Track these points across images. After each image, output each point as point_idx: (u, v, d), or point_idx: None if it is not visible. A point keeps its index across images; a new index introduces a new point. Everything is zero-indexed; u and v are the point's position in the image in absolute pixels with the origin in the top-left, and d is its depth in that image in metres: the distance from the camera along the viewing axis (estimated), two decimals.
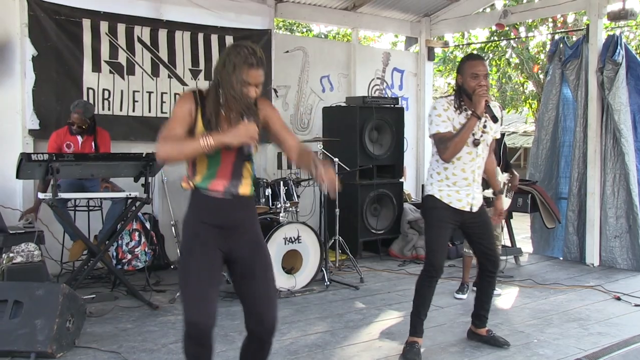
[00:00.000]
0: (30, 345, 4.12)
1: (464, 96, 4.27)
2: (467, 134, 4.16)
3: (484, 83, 4.16)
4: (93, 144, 6.28)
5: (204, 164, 3.04)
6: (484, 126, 4.29)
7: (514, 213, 7.43)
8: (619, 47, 7.17)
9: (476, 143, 4.27)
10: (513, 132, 25.45)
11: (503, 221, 7.35)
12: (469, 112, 4.21)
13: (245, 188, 3.08)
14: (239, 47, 3.03)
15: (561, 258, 7.79)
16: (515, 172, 6.36)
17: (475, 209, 4.38)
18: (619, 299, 5.97)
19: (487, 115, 4.23)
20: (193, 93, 3.04)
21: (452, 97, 4.33)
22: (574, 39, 7.92)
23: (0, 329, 4.16)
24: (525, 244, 8.39)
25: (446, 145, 4.18)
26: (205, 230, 3.03)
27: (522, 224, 9.03)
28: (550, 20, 14.81)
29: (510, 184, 6.30)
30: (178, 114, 3.01)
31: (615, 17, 7.23)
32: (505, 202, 5.97)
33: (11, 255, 5.15)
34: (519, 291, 6.32)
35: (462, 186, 4.32)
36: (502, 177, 6.11)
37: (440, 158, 4.27)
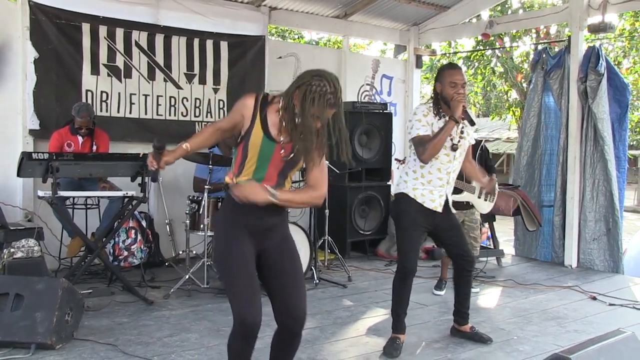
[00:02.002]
0: (30, 337, 4.14)
1: (442, 103, 4.34)
2: (445, 136, 4.24)
3: (462, 91, 4.25)
4: (92, 144, 6.33)
5: (253, 165, 3.07)
6: (462, 132, 4.37)
7: (497, 216, 7.49)
8: (601, 59, 7.28)
9: (454, 148, 4.35)
10: (497, 139, 25.60)
11: (485, 224, 7.48)
12: (447, 118, 4.30)
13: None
14: (322, 81, 2.92)
15: (547, 260, 7.86)
16: (494, 177, 6.40)
17: (447, 210, 4.46)
18: (594, 298, 6.05)
19: (464, 120, 4.33)
20: (257, 96, 3.06)
21: (431, 104, 4.41)
22: (556, 49, 8.01)
23: (2, 321, 4.18)
24: (508, 247, 8.47)
25: (425, 147, 4.25)
26: (242, 228, 3.05)
27: (504, 227, 9.12)
28: (533, 31, 14.93)
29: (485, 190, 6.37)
30: (233, 109, 3.12)
31: (595, 29, 7.35)
32: (487, 205, 6.04)
33: (12, 250, 5.16)
34: (501, 291, 6.39)
35: (436, 186, 4.38)
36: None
37: (419, 159, 4.32)
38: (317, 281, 6.35)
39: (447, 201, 4.44)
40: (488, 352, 4.46)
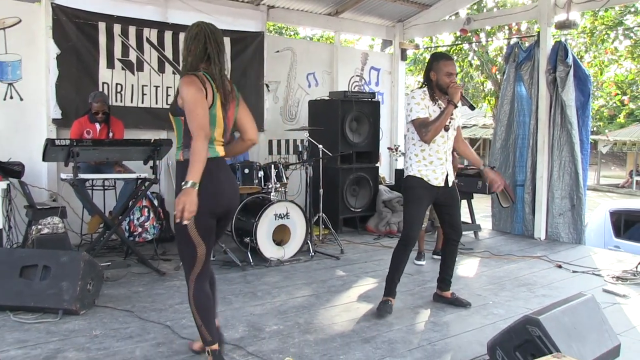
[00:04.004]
0: (58, 303, 4.19)
1: (437, 90, 4.37)
2: (446, 119, 4.28)
3: (454, 79, 4.31)
4: (109, 131, 6.32)
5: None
6: (452, 115, 4.41)
7: (474, 194, 7.53)
8: (569, 52, 7.30)
9: (446, 128, 4.37)
10: (474, 125, 25.68)
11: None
12: (440, 103, 4.35)
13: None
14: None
15: (519, 234, 7.90)
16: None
17: (450, 184, 4.50)
18: (560, 267, 6.12)
19: (470, 106, 4.45)
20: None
21: (426, 89, 4.42)
22: (527, 44, 8.01)
23: (33, 289, 4.23)
24: (484, 222, 8.51)
25: (428, 129, 4.28)
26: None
27: (481, 204, 9.16)
28: (506, 27, 14.94)
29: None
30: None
31: (561, 26, 7.35)
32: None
33: (39, 227, 5.19)
34: (478, 261, 6.43)
35: (437, 165, 4.42)
36: None
37: (422, 140, 4.34)
38: (313, 254, 6.38)
39: (448, 176, 4.48)
40: (467, 315, 4.51)
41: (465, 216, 7.68)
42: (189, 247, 3.16)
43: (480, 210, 8.70)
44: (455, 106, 4.29)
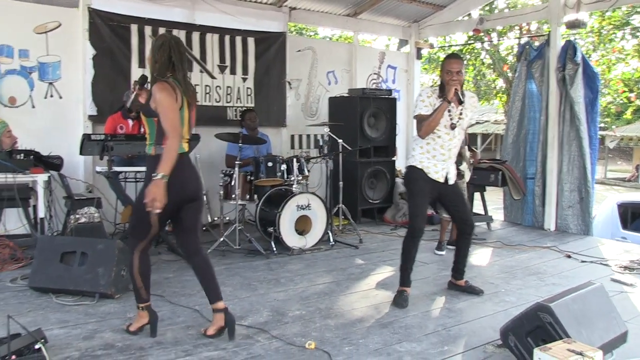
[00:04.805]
0: (95, 287, 4.26)
1: (443, 87, 4.35)
2: (439, 115, 4.24)
3: (456, 78, 4.24)
4: (140, 126, 6.36)
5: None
6: (460, 113, 4.37)
7: (487, 187, 7.49)
8: (577, 50, 7.22)
9: (453, 127, 4.34)
10: (486, 121, 25.47)
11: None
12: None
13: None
14: None
15: (530, 225, 7.82)
16: (475, 150, 6.40)
17: (450, 182, 4.46)
18: (569, 257, 6.07)
19: (459, 101, 4.32)
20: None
21: (436, 88, 4.41)
22: (537, 43, 7.93)
23: (72, 274, 4.30)
24: (496, 214, 8.46)
25: (422, 124, 4.30)
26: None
27: (493, 196, 9.10)
28: (517, 27, 14.80)
29: (472, 160, 6.42)
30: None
31: (570, 25, 7.26)
32: (468, 174, 6.18)
33: (77, 216, 5.25)
34: (491, 251, 6.39)
35: (439, 160, 4.39)
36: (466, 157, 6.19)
37: (417, 134, 4.36)
38: (333, 243, 6.39)
39: (448, 174, 4.44)
40: (480, 302, 4.50)
41: (478, 208, 7.71)
42: (145, 225, 3.41)
43: (492, 202, 8.62)
44: (448, 102, 4.23)
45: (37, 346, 3.03)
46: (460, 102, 4.33)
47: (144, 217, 3.37)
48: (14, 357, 2.91)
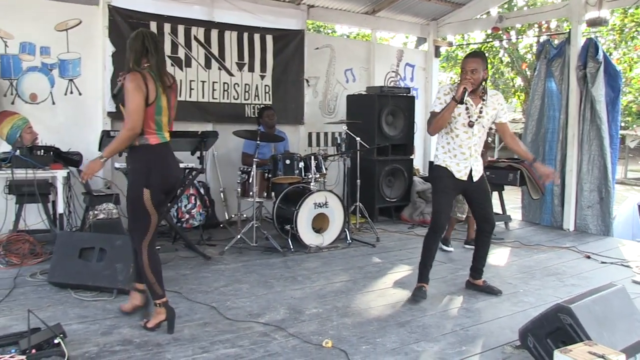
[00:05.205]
0: (113, 283, 4.28)
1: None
2: (447, 114, 4.22)
3: (468, 76, 4.20)
4: None
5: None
6: (480, 111, 4.32)
7: (505, 186, 7.42)
8: (599, 49, 7.12)
9: (470, 124, 4.31)
10: None
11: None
12: (468, 100, 4.27)
13: None
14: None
15: (548, 225, 7.73)
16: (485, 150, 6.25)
17: (475, 179, 4.42)
18: (589, 257, 5.99)
19: (480, 98, 4.30)
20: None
21: (454, 86, 4.36)
22: (556, 41, 7.83)
23: (90, 269, 4.32)
24: (514, 213, 8.37)
25: (430, 122, 4.32)
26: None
27: (511, 195, 9.02)
28: (536, 25, 14.65)
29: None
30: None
31: (592, 23, 7.15)
32: None
33: (96, 212, 5.29)
34: (509, 251, 6.34)
35: (460, 159, 4.37)
36: None
37: (427, 131, 4.38)
38: (350, 241, 6.37)
39: (472, 171, 4.40)
40: (498, 302, 4.45)
41: (496, 207, 7.62)
42: (145, 217, 3.57)
43: (510, 201, 8.55)
44: (457, 102, 4.18)
45: (56, 341, 3.06)
46: (461, 102, 4.29)
47: (141, 211, 3.54)
48: (34, 351, 2.94)
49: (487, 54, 15.96)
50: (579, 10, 7.28)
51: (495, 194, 7.43)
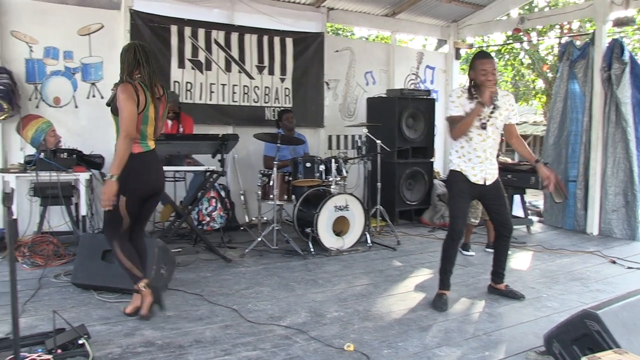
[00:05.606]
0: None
1: (476, 88, 4.26)
2: (472, 117, 4.18)
3: (491, 78, 4.16)
4: (179, 126, 6.43)
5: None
6: (492, 112, 4.28)
7: (527, 189, 7.34)
8: (625, 49, 7.02)
9: (483, 126, 4.27)
10: (524, 122, 25.03)
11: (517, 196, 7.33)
12: (481, 101, 4.22)
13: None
14: None
15: (571, 229, 7.63)
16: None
17: (488, 183, 4.37)
18: (614, 262, 5.89)
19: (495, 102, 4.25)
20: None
21: (465, 88, 4.32)
22: (578, 43, 7.74)
23: (113, 271, 4.34)
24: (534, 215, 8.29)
25: (455, 126, 4.23)
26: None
27: (533, 199, 8.93)
28: (557, 26, 14.49)
29: None
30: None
31: (619, 23, 7.08)
32: None
33: None
34: (531, 255, 6.27)
35: (476, 163, 4.33)
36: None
37: (450, 136, 4.31)
38: (371, 244, 6.35)
39: (487, 174, 4.36)
40: (521, 307, 4.40)
41: (517, 210, 7.56)
42: (117, 220, 3.75)
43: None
44: (483, 105, 4.15)
45: (80, 341, 3.09)
46: (492, 102, 4.25)
47: (113, 214, 3.71)
48: (59, 351, 2.97)
49: (507, 56, 15.97)
50: (604, 10, 7.18)
51: (517, 197, 7.40)
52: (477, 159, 4.32)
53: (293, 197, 6.27)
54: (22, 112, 6.04)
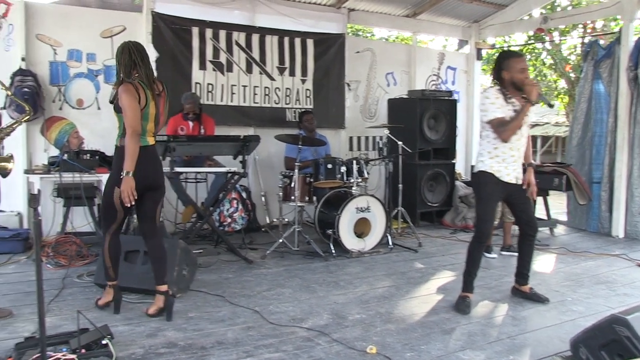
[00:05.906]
0: None
1: (511, 88, 4.20)
2: (522, 117, 4.11)
3: (528, 75, 4.13)
4: (200, 128, 6.46)
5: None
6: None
7: (550, 191, 7.25)
8: None
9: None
10: (546, 123, 24.75)
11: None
12: (514, 101, 4.17)
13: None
14: None
15: (595, 231, 7.51)
16: None
17: (519, 181, 4.33)
18: None
19: (543, 101, 4.23)
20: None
21: (499, 88, 4.25)
22: (602, 42, 7.62)
23: (135, 272, 4.38)
24: (560, 219, 8.17)
25: (505, 128, 4.13)
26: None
27: (556, 201, 8.82)
28: (580, 26, 14.32)
29: None
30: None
31: None
32: None
33: None
34: (555, 257, 6.18)
35: (509, 162, 4.27)
36: None
37: (500, 139, 4.18)
38: (392, 246, 6.30)
39: (518, 173, 4.32)
40: (545, 310, 4.34)
41: (540, 212, 7.46)
42: (112, 211, 3.89)
43: (554, 207, 8.35)
44: (533, 104, 4.10)
45: (104, 342, 3.11)
46: (551, 105, 4.28)
47: (111, 205, 3.87)
48: (83, 350, 3.00)
49: (529, 56, 15.81)
50: (632, 7, 7.05)
51: (539, 199, 7.30)
52: (511, 159, 4.27)
53: (314, 198, 6.26)
54: (46, 114, 6.13)
